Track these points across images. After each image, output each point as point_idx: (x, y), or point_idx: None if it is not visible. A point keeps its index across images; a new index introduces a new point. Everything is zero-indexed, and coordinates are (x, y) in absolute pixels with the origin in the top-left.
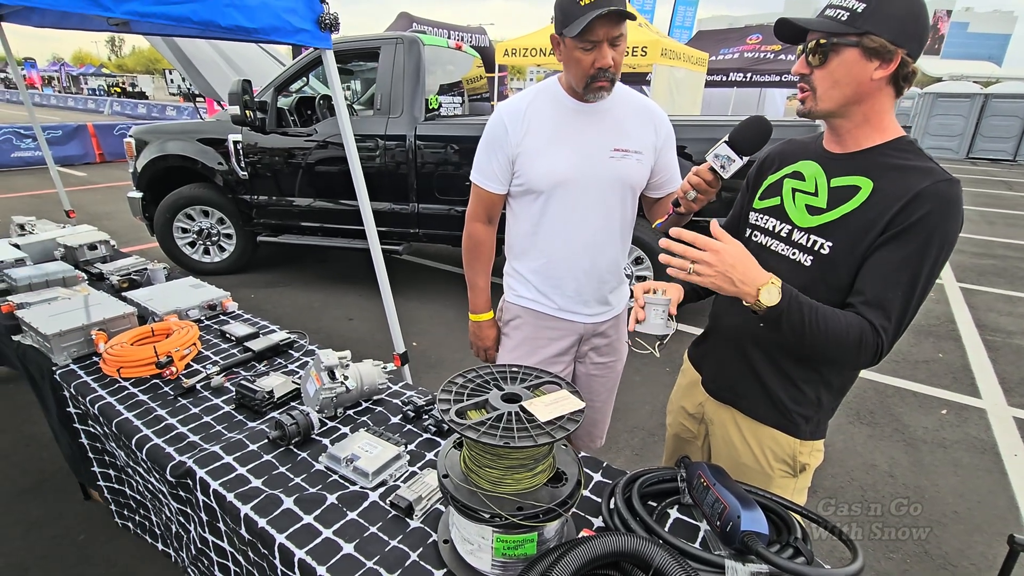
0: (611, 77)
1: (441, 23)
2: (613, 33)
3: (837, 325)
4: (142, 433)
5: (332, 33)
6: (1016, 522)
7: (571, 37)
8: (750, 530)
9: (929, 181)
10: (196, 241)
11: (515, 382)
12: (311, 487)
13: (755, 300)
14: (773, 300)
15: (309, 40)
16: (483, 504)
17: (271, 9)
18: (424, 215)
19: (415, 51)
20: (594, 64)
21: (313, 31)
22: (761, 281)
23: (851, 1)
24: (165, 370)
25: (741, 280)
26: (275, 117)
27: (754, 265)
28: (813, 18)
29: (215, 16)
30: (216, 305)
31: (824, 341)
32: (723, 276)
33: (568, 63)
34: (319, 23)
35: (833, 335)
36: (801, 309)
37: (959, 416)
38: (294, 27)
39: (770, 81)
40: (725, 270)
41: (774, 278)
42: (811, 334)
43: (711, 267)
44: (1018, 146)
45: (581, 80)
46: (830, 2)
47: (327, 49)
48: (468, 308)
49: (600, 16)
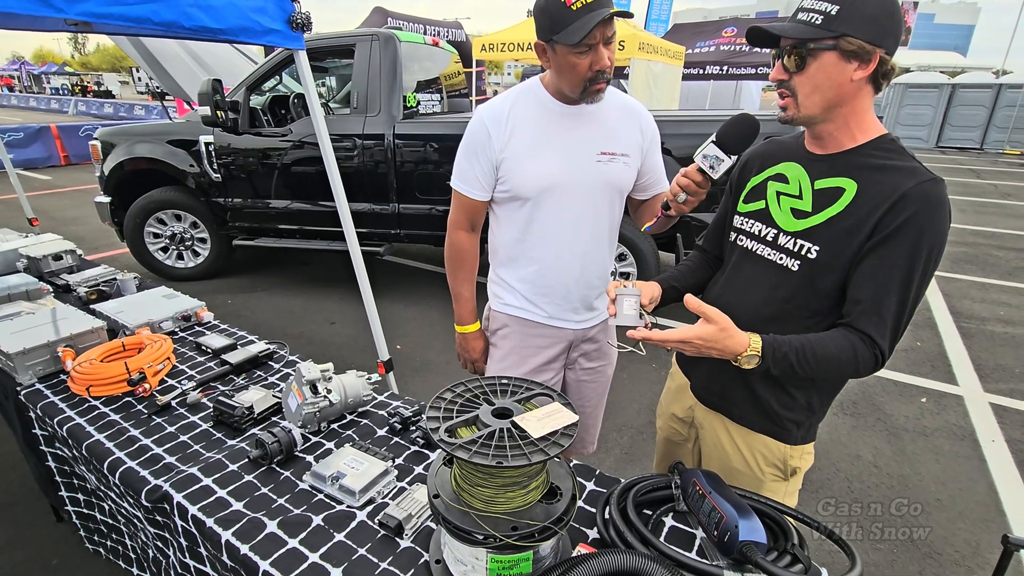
0: (608, 78)
1: (417, 18)
2: (608, 33)
3: (827, 353)
4: (114, 456)
5: (304, 32)
6: (997, 508)
7: (567, 44)
8: (748, 540)
9: (914, 182)
10: (169, 246)
11: (505, 395)
12: (295, 508)
13: (738, 365)
14: (752, 365)
15: (280, 41)
16: (476, 525)
17: (238, 9)
18: (405, 215)
19: (391, 48)
20: (592, 67)
21: (284, 31)
22: (739, 351)
23: (824, 4)
24: (138, 387)
25: (720, 353)
26: (248, 117)
27: (728, 338)
28: (787, 24)
29: (178, 17)
30: (191, 316)
31: (820, 372)
32: (703, 354)
33: (561, 69)
34: (290, 23)
35: (826, 364)
36: (787, 358)
37: (938, 404)
38: (264, 27)
39: (746, 74)
40: (703, 352)
41: (753, 342)
42: (804, 371)
43: (689, 351)
44: (984, 134)
45: (578, 85)
46: (801, 5)
47: (300, 50)
48: (452, 312)
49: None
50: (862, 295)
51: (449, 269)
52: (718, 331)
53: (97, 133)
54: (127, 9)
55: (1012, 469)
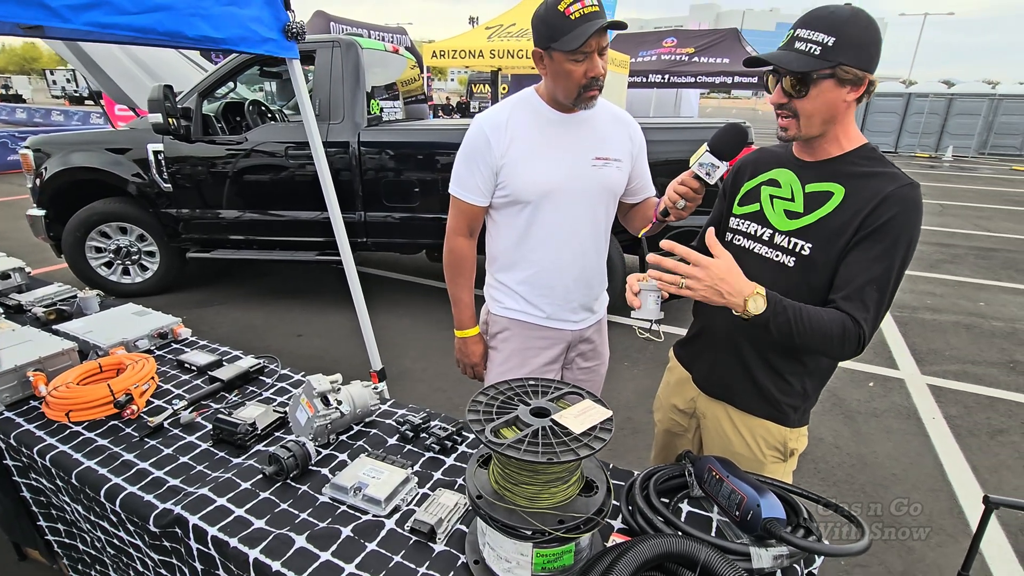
0: (600, 85)
1: (361, 23)
2: (603, 43)
3: (820, 322)
4: (112, 483)
5: (298, 42)
6: (943, 478)
7: (564, 51)
8: (771, 516)
9: (894, 186)
10: (113, 261)
11: (537, 396)
12: (320, 522)
13: (743, 310)
14: (759, 309)
15: (276, 50)
16: (524, 521)
17: (237, 19)
18: (372, 223)
19: (353, 54)
20: (586, 74)
21: (280, 40)
22: (747, 292)
23: (819, 35)
24: (125, 409)
25: (729, 292)
26: (201, 124)
27: (741, 277)
28: (789, 55)
29: (181, 27)
30: (167, 333)
31: (810, 338)
32: (712, 289)
33: (556, 76)
34: (285, 32)
35: (818, 331)
36: (787, 312)
37: (884, 387)
38: (261, 37)
39: (686, 82)
40: (714, 283)
41: (759, 287)
42: (798, 333)
43: (700, 281)
44: (898, 139)
45: (573, 91)
46: (798, 35)
47: (294, 59)
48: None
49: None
50: (847, 284)
51: (448, 275)
52: (731, 265)
53: (28, 141)
54: (132, 19)
55: (952, 443)
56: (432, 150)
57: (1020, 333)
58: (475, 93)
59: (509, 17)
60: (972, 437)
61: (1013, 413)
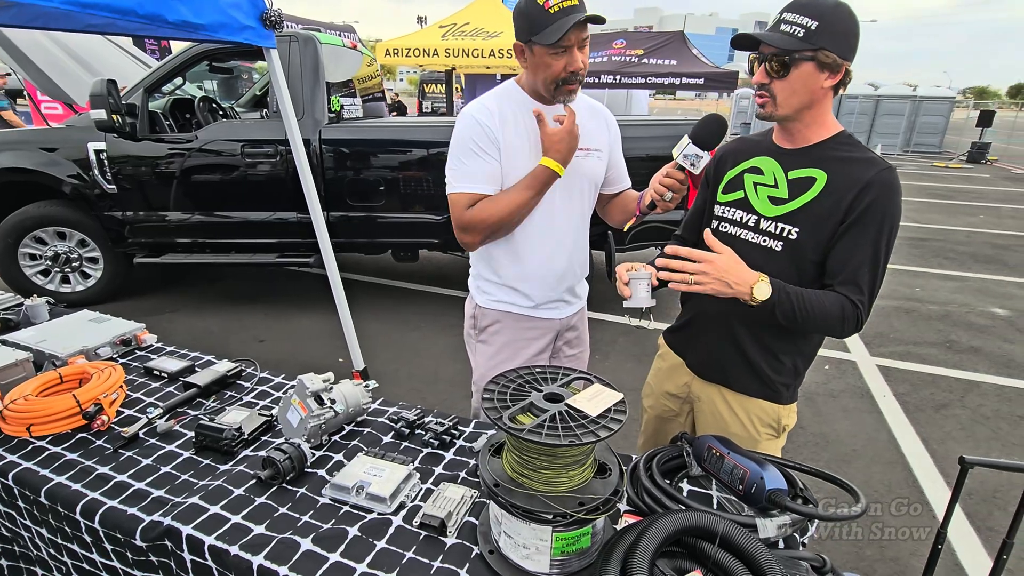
0: (580, 79)
1: (306, 20)
2: (583, 36)
3: (821, 304)
4: (89, 498)
5: (276, 31)
6: (897, 451)
7: (544, 44)
8: (775, 488)
9: (875, 171)
10: (51, 269)
11: (547, 382)
12: (324, 523)
13: (750, 297)
14: (766, 294)
15: (254, 38)
16: (544, 506)
17: (216, 5)
18: (336, 223)
19: (311, 49)
20: (566, 68)
21: (258, 28)
22: (752, 280)
23: (804, 19)
24: (95, 421)
25: (736, 283)
26: (148, 121)
27: (744, 267)
28: (773, 34)
29: (162, 10)
30: (131, 340)
31: (813, 319)
32: (720, 282)
33: (537, 68)
34: (263, 20)
35: (820, 313)
36: (790, 297)
37: (838, 369)
38: (240, 24)
39: (637, 83)
40: (721, 276)
41: (762, 275)
42: (802, 316)
43: (709, 276)
44: None
45: (551, 84)
46: (784, 17)
47: (271, 48)
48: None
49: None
50: (840, 268)
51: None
52: (733, 258)
53: None
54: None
55: (903, 418)
56: (398, 148)
57: (953, 315)
58: (427, 93)
59: (463, 16)
60: (920, 412)
61: (952, 388)
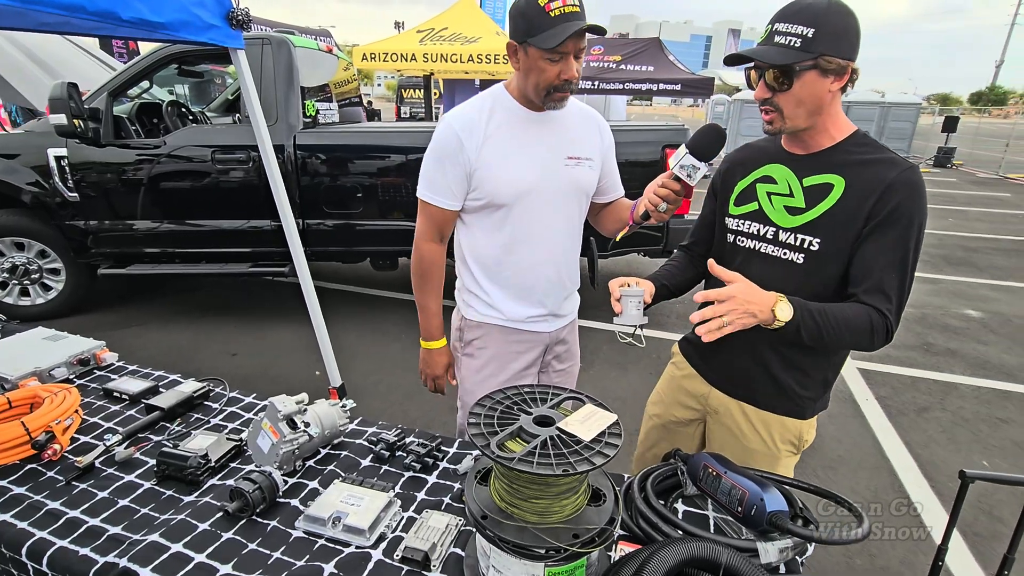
0: (572, 88)
1: (281, 23)
2: (581, 45)
3: (847, 319)
4: (36, 538)
5: (244, 31)
6: (881, 455)
7: (540, 47)
8: (776, 510)
9: (896, 171)
10: (8, 281)
11: (536, 403)
12: (298, 560)
13: (773, 319)
14: (788, 314)
15: (220, 38)
16: (536, 539)
17: (178, 2)
18: (311, 232)
19: (285, 53)
20: (560, 75)
21: (223, 28)
22: (771, 302)
23: (799, 27)
24: (46, 450)
25: (760, 310)
26: (112, 127)
27: (760, 291)
28: (768, 49)
29: (115, 7)
30: (89, 359)
31: (840, 336)
32: (747, 315)
33: (529, 71)
34: (229, 19)
35: (846, 328)
36: (813, 315)
37: None
38: (204, 23)
39: (614, 89)
40: (745, 307)
41: (779, 295)
42: (828, 334)
43: (734, 311)
44: None
45: (542, 89)
46: (776, 28)
47: (239, 49)
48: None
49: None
50: (865, 277)
51: (416, 283)
52: (747, 284)
53: None
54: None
55: (885, 422)
56: (376, 154)
57: (929, 317)
58: (405, 98)
59: (441, 21)
60: (902, 416)
61: (932, 391)
